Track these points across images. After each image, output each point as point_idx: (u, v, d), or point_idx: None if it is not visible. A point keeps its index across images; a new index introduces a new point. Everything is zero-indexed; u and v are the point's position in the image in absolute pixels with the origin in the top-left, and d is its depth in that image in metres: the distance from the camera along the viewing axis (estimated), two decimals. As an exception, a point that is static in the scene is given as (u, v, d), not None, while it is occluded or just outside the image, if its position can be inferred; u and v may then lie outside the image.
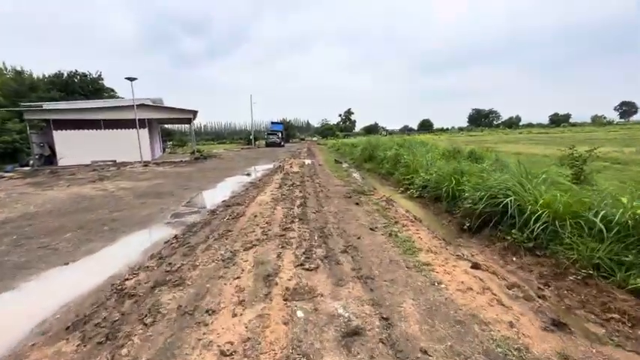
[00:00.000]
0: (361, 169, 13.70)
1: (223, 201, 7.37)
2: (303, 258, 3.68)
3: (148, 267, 3.59)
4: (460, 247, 4.13)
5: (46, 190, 9.54)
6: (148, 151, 19.46)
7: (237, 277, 3.26)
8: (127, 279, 3.32)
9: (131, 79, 16.49)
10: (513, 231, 3.75)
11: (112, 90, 46.59)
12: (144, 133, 19.30)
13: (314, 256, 3.75)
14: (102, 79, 36.53)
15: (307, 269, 3.38)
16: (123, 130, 18.46)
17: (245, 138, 52.92)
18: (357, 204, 6.72)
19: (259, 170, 14.23)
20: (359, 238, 4.51)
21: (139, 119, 18.99)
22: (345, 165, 15.61)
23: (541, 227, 3.45)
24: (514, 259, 3.52)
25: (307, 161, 17.47)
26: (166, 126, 43.38)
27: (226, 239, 4.48)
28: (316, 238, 4.46)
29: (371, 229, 4.98)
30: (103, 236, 4.82)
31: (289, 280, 3.17)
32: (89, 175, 13.36)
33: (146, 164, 16.39)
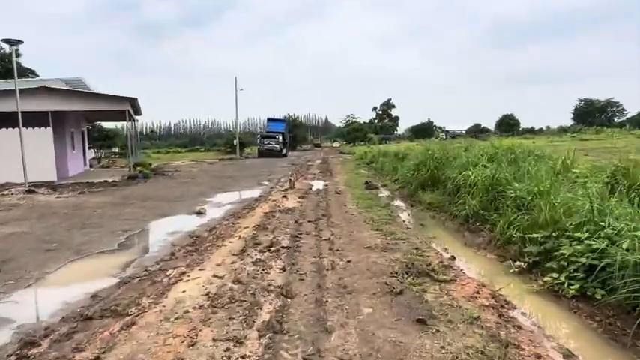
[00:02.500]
0: (414, 202, 10.95)
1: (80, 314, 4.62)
2: None
3: None
4: None
5: None
6: (50, 164, 17.33)
7: None
8: None
9: (12, 43, 14.51)
10: None
11: (32, 72, 46.51)
12: (43, 135, 17.22)
13: None
14: (19, 56, 36.02)
15: None
16: (11, 129, 16.38)
17: (226, 144, 51.37)
18: (420, 321, 3.73)
19: (225, 203, 11.74)
20: None
21: (37, 112, 16.99)
22: (383, 193, 13.13)
23: None
24: None
25: (318, 184, 16.30)
26: (107, 125, 42.19)
27: None
28: None
29: None
30: None
31: None
32: None
33: (31, 190, 14.08)
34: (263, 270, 5.28)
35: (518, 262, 5.44)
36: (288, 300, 4.26)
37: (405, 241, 6.84)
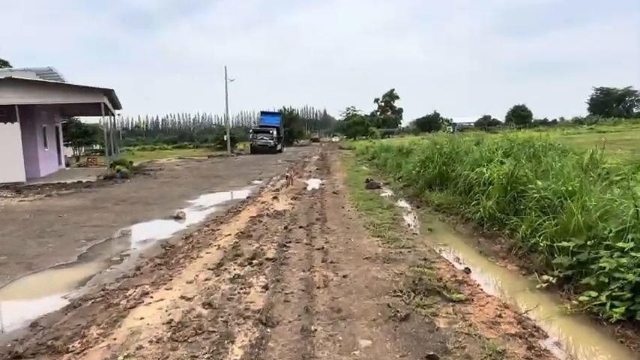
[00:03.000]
0: (420, 202, 10.49)
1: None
2: None
3: None
4: None
5: None
6: (17, 164, 16.78)
7: None
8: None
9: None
10: None
11: (5, 63, 45.89)
12: (9, 131, 16.65)
13: None
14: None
15: None
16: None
17: (216, 139, 50.88)
18: (432, 358, 3.20)
19: (208, 206, 11.23)
20: None
21: (2, 106, 16.42)
22: (386, 192, 12.69)
23: None
24: None
25: (314, 182, 15.94)
26: (88, 120, 41.53)
27: None
28: None
29: None
30: None
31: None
32: None
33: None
34: (241, 289, 4.74)
35: (545, 276, 4.89)
36: (268, 330, 3.71)
37: (411, 249, 6.32)
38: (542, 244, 5.25)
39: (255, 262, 5.72)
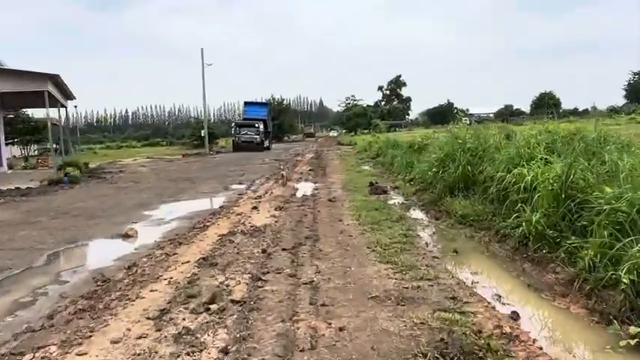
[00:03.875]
0: (439, 212, 9.70)
1: None
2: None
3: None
4: None
5: None
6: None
7: None
8: None
9: None
10: None
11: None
12: None
13: None
14: None
15: None
16: None
17: (192, 135, 49.90)
18: None
19: (170, 219, 10.39)
20: None
21: None
22: (395, 199, 11.93)
23: None
24: None
25: (306, 187, 15.27)
26: (36, 114, 40.36)
27: None
28: None
29: None
30: None
31: None
32: None
33: None
34: (188, 355, 3.68)
35: (633, 328, 3.87)
36: None
37: (434, 282, 5.32)
38: (624, 280, 4.21)
39: (214, 307, 4.66)
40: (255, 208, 10.69)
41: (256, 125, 43.75)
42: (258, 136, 43.22)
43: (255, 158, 31.70)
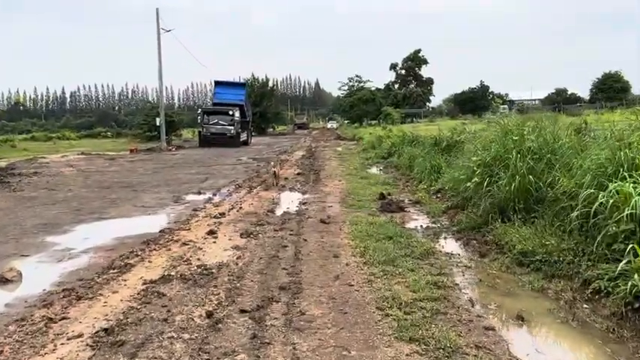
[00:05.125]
0: (485, 245, 8.46)
1: None
2: None
3: None
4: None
5: None
6: None
7: None
8: None
9: None
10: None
11: None
12: None
13: None
14: None
15: None
16: None
17: (144, 124, 48.40)
18: None
19: (79, 251, 9.10)
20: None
21: None
22: (416, 220, 10.87)
23: None
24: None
25: (290, 198, 14.28)
26: None
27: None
28: None
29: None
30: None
31: None
32: None
33: None
34: None
35: None
36: None
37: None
38: None
39: None
40: (211, 233, 9.26)
41: (230, 113, 42.01)
42: (232, 127, 41.49)
43: (228, 156, 30.68)
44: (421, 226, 9.99)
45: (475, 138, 12.70)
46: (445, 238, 9.15)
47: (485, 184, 9.31)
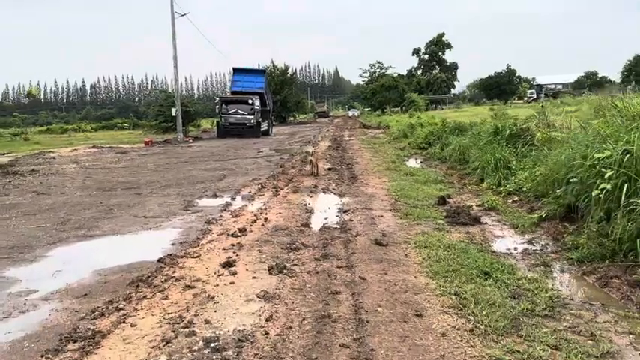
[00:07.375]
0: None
1: None
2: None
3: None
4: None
5: None
6: None
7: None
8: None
9: None
10: None
11: None
12: None
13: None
14: None
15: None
16: None
17: (159, 115, 46.05)
18: None
19: (56, 286, 6.50)
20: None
21: None
22: (502, 238, 8.05)
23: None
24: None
25: (325, 204, 11.71)
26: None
27: None
28: None
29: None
30: None
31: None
32: None
33: None
34: None
35: None
36: None
37: None
38: None
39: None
40: (228, 265, 6.54)
41: (249, 101, 39.47)
42: (252, 117, 39.20)
43: (248, 148, 28.32)
44: (515, 248, 7.23)
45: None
46: (563, 271, 6.30)
47: (616, 190, 6.54)
